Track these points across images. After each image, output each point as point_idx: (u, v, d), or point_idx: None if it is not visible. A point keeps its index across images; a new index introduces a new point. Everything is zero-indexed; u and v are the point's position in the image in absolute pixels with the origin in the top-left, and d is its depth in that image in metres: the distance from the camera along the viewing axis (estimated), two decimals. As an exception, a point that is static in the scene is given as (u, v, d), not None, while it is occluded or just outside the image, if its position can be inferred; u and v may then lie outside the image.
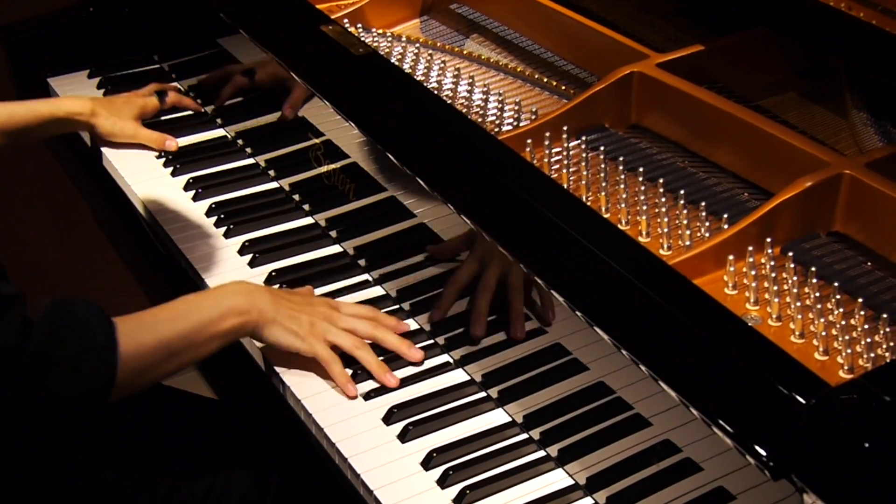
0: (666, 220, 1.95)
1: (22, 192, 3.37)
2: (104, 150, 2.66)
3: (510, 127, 2.24)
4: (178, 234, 2.43)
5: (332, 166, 2.38)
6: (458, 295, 2.05)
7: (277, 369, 2.05)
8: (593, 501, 1.81)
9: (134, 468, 2.10)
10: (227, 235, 2.40)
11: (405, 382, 2.02)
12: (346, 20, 2.61)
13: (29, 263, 3.34)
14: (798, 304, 1.76)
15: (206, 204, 2.49)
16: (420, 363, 2.06)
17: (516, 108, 2.30)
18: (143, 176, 2.60)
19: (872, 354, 1.66)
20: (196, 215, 2.47)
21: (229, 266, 2.32)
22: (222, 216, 2.44)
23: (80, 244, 3.50)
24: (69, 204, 3.35)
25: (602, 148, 2.13)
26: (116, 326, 1.82)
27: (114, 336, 1.81)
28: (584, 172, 2.09)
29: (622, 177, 2.07)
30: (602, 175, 2.08)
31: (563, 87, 2.36)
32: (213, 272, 2.30)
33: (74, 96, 2.69)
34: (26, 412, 1.77)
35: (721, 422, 1.49)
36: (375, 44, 2.54)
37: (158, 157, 2.66)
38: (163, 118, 2.76)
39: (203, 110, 2.79)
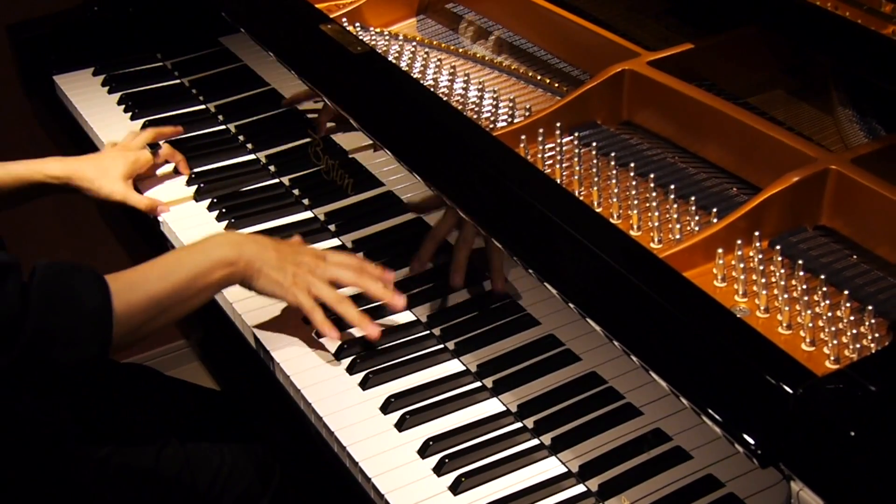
0: (657, 214, 1.95)
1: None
2: None
3: (504, 123, 2.23)
4: (177, 224, 2.44)
5: (332, 162, 2.38)
6: (436, 248, 2.08)
7: (280, 365, 2.05)
8: (586, 488, 1.81)
9: (137, 458, 2.10)
10: (228, 229, 2.40)
11: (403, 372, 2.02)
12: (344, 19, 2.60)
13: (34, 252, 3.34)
14: (785, 296, 1.76)
15: (207, 200, 2.49)
16: (404, 309, 2.07)
17: (510, 105, 2.30)
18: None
19: (858, 345, 1.66)
20: (198, 209, 2.46)
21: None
22: (224, 210, 2.44)
23: (87, 239, 3.50)
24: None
25: (594, 144, 2.13)
26: (109, 287, 1.82)
27: (108, 298, 1.81)
28: (577, 168, 2.08)
29: (614, 172, 2.06)
30: (594, 170, 2.07)
31: (557, 85, 2.36)
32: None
33: (56, 158, 2.44)
34: (29, 379, 1.78)
35: (710, 411, 1.49)
36: (373, 42, 2.54)
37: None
38: (168, 114, 2.76)
39: (191, 172, 2.61)
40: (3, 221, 2.27)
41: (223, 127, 2.76)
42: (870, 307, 1.69)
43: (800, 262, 1.80)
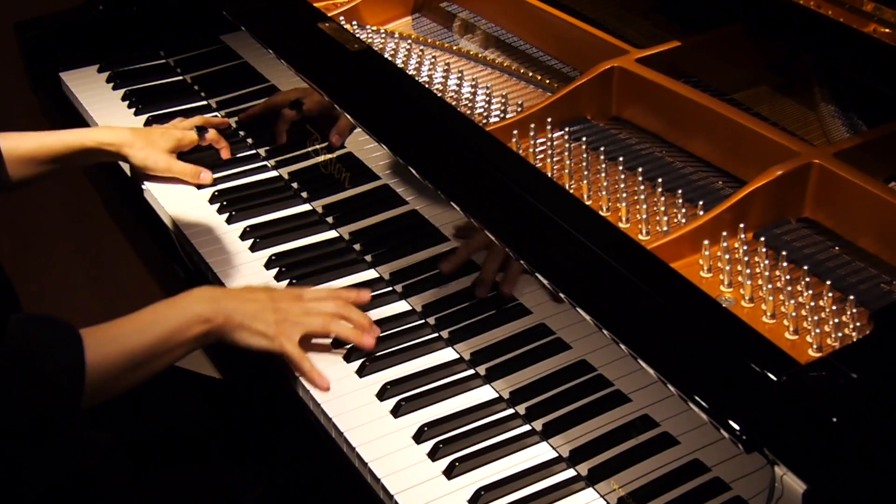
0: (645, 206, 1.94)
1: (48, 208, 3.36)
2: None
3: (497, 119, 2.23)
4: (176, 212, 2.44)
5: (329, 156, 2.37)
6: (469, 256, 2.05)
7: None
8: (576, 473, 1.81)
9: (138, 442, 2.09)
10: (229, 221, 2.39)
11: (398, 360, 2.01)
12: (341, 18, 2.60)
13: (57, 284, 3.33)
14: (770, 286, 1.76)
15: (209, 192, 2.48)
16: (371, 346, 2.02)
17: (503, 101, 2.30)
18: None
19: (840, 334, 1.66)
20: (199, 202, 2.45)
21: (230, 250, 2.31)
22: (225, 203, 2.43)
23: (91, 231, 3.49)
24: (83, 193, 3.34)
25: (584, 139, 2.13)
26: (83, 340, 1.78)
27: (82, 352, 1.77)
28: (567, 162, 2.08)
29: (603, 166, 2.06)
30: (584, 164, 2.07)
31: (548, 82, 2.35)
32: (215, 256, 2.29)
33: (108, 126, 2.55)
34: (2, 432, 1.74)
35: (697, 398, 1.49)
36: (370, 40, 2.53)
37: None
38: (171, 110, 2.76)
39: (233, 156, 2.63)
40: (9, 213, 2.27)
41: (221, 119, 2.74)
42: (851, 297, 1.69)
43: (783, 253, 1.80)
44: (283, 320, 1.99)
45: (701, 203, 1.93)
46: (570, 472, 1.81)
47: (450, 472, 1.81)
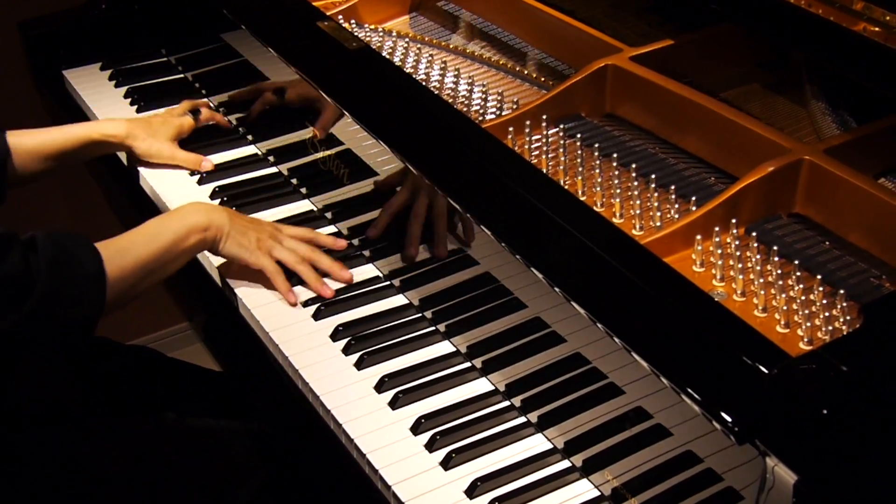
0: (638, 202, 1.94)
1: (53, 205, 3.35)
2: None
3: (493, 116, 2.23)
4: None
5: (328, 152, 2.37)
6: (392, 219, 2.15)
7: (280, 347, 2.05)
8: (571, 464, 1.80)
9: (138, 430, 2.09)
10: (229, 217, 2.39)
11: (396, 353, 2.01)
12: (340, 17, 2.60)
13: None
14: (761, 280, 1.76)
15: (210, 187, 2.48)
16: (350, 281, 2.17)
17: (499, 98, 2.29)
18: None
19: (830, 327, 1.66)
20: (201, 198, 2.45)
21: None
22: (225, 199, 2.43)
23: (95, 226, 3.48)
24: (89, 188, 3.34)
25: (579, 135, 2.12)
26: (101, 253, 1.89)
27: (102, 263, 1.88)
28: (562, 158, 2.08)
29: (597, 162, 2.06)
30: (579, 161, 2.07)
31: (543, 79, 2.35)
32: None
33: (110, 119, 2.56)
34: (32, 340, 1.83)
35: (689, 390, 1.49)
36: (368, 38, 2.53)
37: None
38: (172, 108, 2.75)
39: (232, 125, 2.70)
40: (12, 209, 2.26)
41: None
42: (841, 291, 1.69)
43: (775, 248, 1.80)
44: (262, 241, 2.15)
45: (693, 199, 1.93)
46: (565, 464, 1.81)
47: (447, 464, 1.80)
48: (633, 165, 2.02)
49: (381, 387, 1.94)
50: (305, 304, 2.12)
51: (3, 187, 2.26)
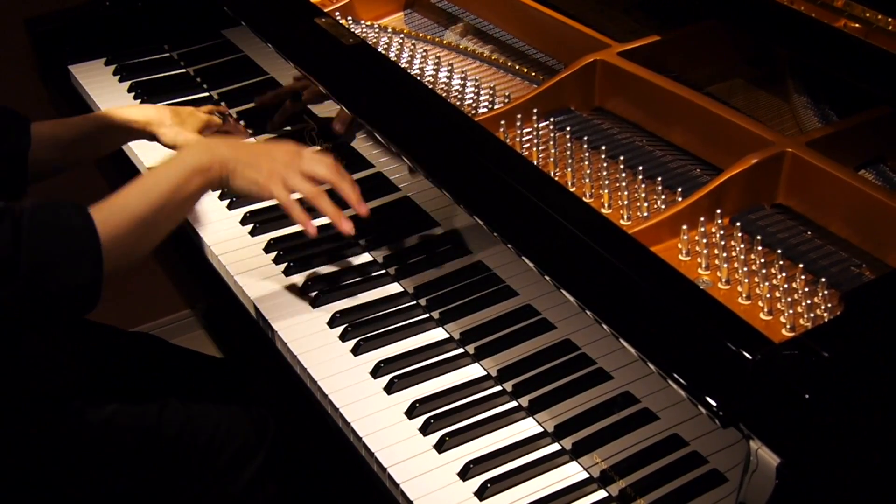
0: (626, 193, 1.94)
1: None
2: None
3: (485, 109, 2.22)
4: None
5: (325, 145, 2.36)
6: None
7: (279, 333, 2.04)
8: (560, 447, 1.80)
9: (140, 416, 2.08)
10: (230, 207, 2.38)
11: (391, 340, 2.01)
12: (337, 13, 2.59)
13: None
14: (745, 269, 1.76)
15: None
16: (367, 214, 2.00)
17: (491, 92, 2.29)
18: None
19: (812, 315, 1.66)
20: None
21: (231, 235, 2.30)
22: (225, 190, 2.42)
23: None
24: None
25: (568, 128, 2.12)
26: (92, 215, 1.75)
27: (93, 226, 1.73)
28: (552, 151, 2.07)
29: (587, 155, 2.06)
30: (568, 153, 2.06)
31: (534, 74, 2.35)
32: (214, 240, 2.28)
33: (136, 105, 2.42)
34: (31, 317, 1.72)
35: (676, 375, 1.49)
36: (364, 34, 2.52)
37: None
38: (174, 101, 2.74)
39: (249, 132, 2.60)
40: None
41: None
42: (823, 279, 1.69)
43: (758, 237, 1.80)
44: (275, 170, 1.96)
45: (679, 190, 1.93)
46: (555, 447, 1.81)
47: (440, 446, 1.80)
48: (621, 158, 2.01)
49: (376, 372, 1.94)
50: (303, 291, 2.11)
51: (25, 179, 2.16)
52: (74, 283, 1.71)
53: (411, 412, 1.86)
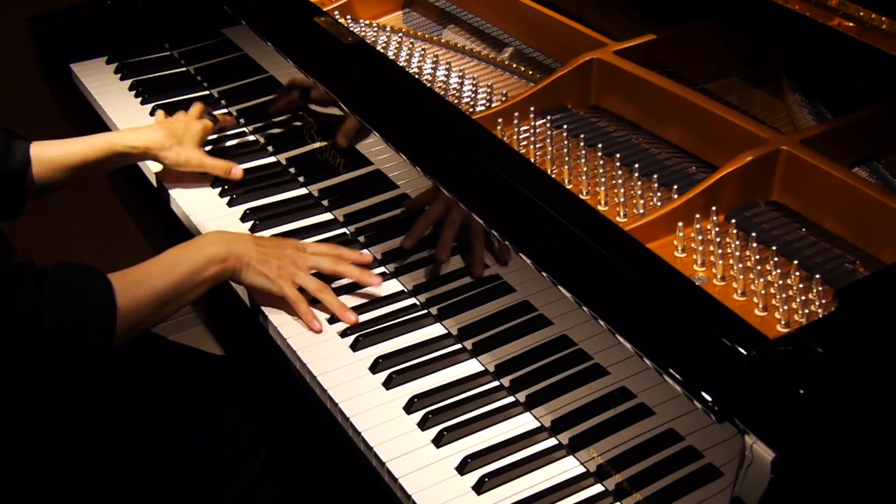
0: (622, 190, 1.94)
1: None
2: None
3: (483, 108, 2.22)
4: (180, 196, 2.43)
5: (325, 143, 2.36)
6: (427, 228, 2.06)
7: (279, 329, 2.04)
8: (557, 441, 1.80)
9: (142, 413, 2.08)
10: (230, 204, 2.38)
11: (390, 336, 2.01)
12: (336, 12, 2.59)
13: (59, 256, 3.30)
14: (740, 265, 1.75)
15: (210, 175, 2.47)
16: (378, 285, 2.09)
17: (488, 91, 2.28)
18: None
19: (807, 310, 1.66)
20: (202, 187, 2.44)
21: (231, 230, 2.29)
22: (226, 187, 2.42)
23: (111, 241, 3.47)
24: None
25: (565, 126, 2.12)
26: (113, 285, 1.84)
27: (112, 295, 1.83)
28: (549, 148, 2.07)
29: (583, 152, 2.05)
30: (565, 151, 2.06)
31: (531, 73, 2.34)
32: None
33: (133, 129, 2.40)
34: (41, 371, 1.78)
35: (671, 370, 1.49)
36: (363, 33, 2.52)
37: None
38: (175, 99, 2.74)
39: (239, 123, 2.63)
40: (29, 221, 2.25)
41: (225, 111, 2.73)
42: (817, 276, 1.69)
43: (753, 234, 1.80)
44: (285, 265, 2.05)
45: (675, 187, 1.92)
46: (552, 441, 1.81)
47: (438, 441, 1.80)
48: (618, 155, 2.01)
49: (375, 368, 1.94)
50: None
51: (23, 197, 2.20)
52: (87, 347, 1.80)
53: (409, 407, 1.86)
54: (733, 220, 1.84)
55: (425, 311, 2.06)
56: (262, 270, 2.04)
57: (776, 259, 1.76)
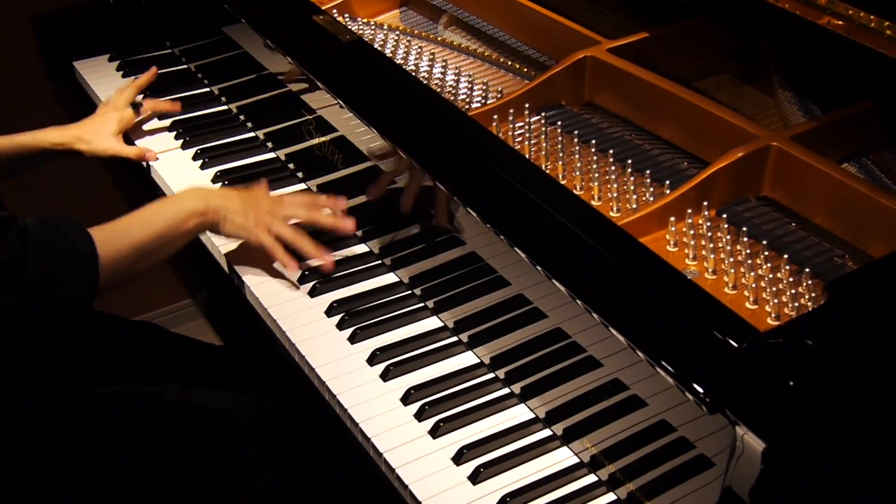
0: (615, 186, 1.93)
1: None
2: None
3: (479, 104, 2.21)
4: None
5: (323, 139, 2.36)
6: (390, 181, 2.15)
7: (278, 322, 2.03)
8: (552, 432, 1.80)
9: (141, 399, 2.08)
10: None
11: (387, 328, 2.01)
12: (334, 11, 2.58)
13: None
14: (731, 259, 1.75)
15: (212, 172, 2.47)
16: (353, 229, 2.15)
17: (484, 88, 2.28)
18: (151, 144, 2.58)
19: (796, 304, 1.65)
20: (203, 183, 2.43)
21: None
22: (226, 182, 2.42)
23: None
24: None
25: (559, 123, 2.11)
26: (93, 236, 1.86)
27: (93, 245, 1.85)
28: (544, 144, 2.06)
29: (577, 148, 2.05)
30: (559, 147, 2.06)
31: (525, 70, 2.34)
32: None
33: (56, 127, 2.45)
34: (31, 321, 1.80)
35: (663, 363, 1.48)
36: (360, 31, 2.51)
37: (170, 129, 2.63)
38: (176, 96, 2.74)
39: (198, 147, 2.60)
40: (26, 203, 2.25)
41: (226, 107, 2.73)
42: (807, 270, 1.68)
43: (744, 229, 1.79)
44: (260, 218, 2.10)
45: (667, 182, 1.92)
46: (547, 432, 1.80)
47: (435, 432, 1.80)
48: (611, 151, 2.01)
49: (373, 360, 1.94)
50: (301, 281, 2.11)
51: None
52: (71, 295, 1.81)
53: (406, 399, 1.86)
54: (725, 215, 1.84)
55: (422, 304, 2.06)
56: (240, 221, 2.09)
57: (767, 253, 1.76)
